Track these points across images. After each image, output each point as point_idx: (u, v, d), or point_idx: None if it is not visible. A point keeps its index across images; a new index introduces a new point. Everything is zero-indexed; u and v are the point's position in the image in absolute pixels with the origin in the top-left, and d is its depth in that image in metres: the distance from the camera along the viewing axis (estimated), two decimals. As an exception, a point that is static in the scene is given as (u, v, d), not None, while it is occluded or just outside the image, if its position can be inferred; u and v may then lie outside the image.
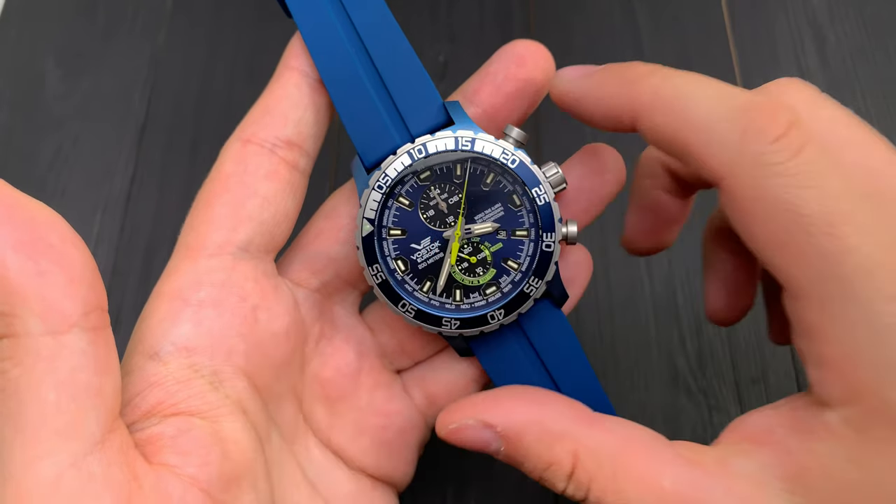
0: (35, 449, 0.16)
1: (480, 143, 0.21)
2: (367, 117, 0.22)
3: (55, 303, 0.16)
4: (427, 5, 0.41)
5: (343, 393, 0.23)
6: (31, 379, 0.16)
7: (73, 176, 0.38)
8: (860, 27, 0.40)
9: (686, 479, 0.19)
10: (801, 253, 0.17)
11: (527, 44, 0.22)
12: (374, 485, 0.24)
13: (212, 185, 0.22)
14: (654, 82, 0.19)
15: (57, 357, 0.16)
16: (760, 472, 0.18)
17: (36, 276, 0.16)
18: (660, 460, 0.19)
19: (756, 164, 0.17)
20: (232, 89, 0.40)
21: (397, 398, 0.24)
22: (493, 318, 0.22)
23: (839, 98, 0.38)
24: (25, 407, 0.16)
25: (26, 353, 0.16)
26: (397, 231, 0.22)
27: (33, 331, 0.16)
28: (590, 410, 0.21)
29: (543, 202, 0.21)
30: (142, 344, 0.20)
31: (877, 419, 0.17)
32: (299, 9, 0.22)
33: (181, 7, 0.42)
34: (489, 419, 0.20)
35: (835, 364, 0.18)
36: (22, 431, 0.16)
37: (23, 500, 0.16)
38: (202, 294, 0.20)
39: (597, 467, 0.19)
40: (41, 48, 0.41)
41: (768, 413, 0.19)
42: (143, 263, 0.36)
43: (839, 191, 0.17)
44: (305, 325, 0.23)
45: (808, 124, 0.18)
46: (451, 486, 0.30)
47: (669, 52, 0.40)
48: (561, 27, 0.41)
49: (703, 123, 0.18)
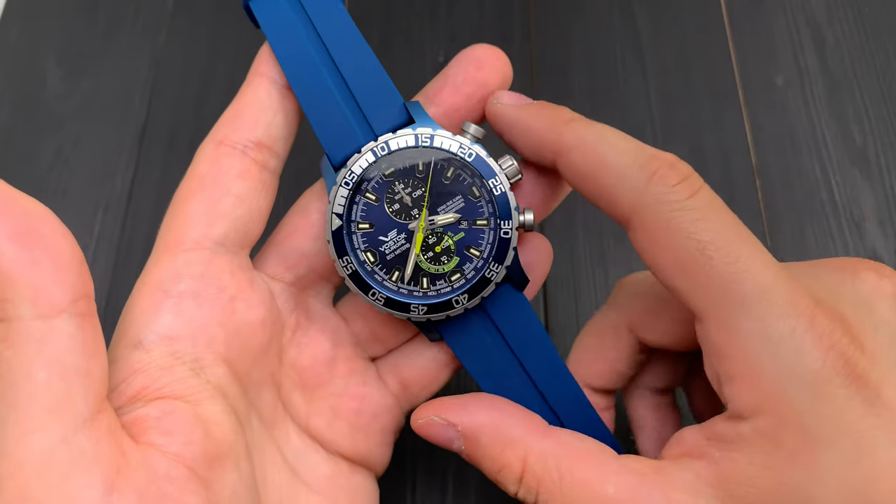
0: (27, 424, 0.17)
1: (439, 139, 0.23)
2: (333, 119, 0.23)
3: (46, 289, 0.17)
4: (427, 5, 0.41)
5: (319, 380, 0.25)
6: (22, 360, 0.17)
7: (73, 176, 0.38)
8: (859, 27, 0.40)
9: (628, 486, 0.21)
10: (703, 275, 0.20)
11: (485, 48, 0.24)
12: (351, 468, 0.25)
13: (188, 185, 0.23)
14: (579, 127, 0.22)
15: (47, 340, 0.17)
16: (695, 480, 0.20)
17: (29, 264, 0.17)
18: (605, 469, 0.21)
19: (660, 201, 0.20)
20: (232, 89, 0.40)
21: (371, 384, 0.25)
22: (458, 303, 0.23)
23: (838, 98, 0.38)
24: (17, 385, 0.17)
25: (18, 335, 0.17)
26: (365, 225, 0.23)
27: (25, 315, 0.17)
28: (545, 423, 0.23)
29: (500, 192, 0.23)
30: (126, 334, 0.21)
31: (785, 427, 0.19)
32: (266, 19, 0.23)
33: (182, 7, 0.42)
34: (452, 419, 0.23)
35: (742, 378, 0.19)
36: (14, 408, 0.17)
37: (16, 473, 0.17)
38: (182, 286, 0.22)
39: (544, 473, 0.21)
40: (42, 48, 0.41)
41: (696, 430, 0.21)
42: (144, 263, 0.36)
43: (733, 223, 0.20)
44: (282, 315, 0.24)
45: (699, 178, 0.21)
46: (452, 474, 0.31)
47: (669, 52, 0.40)
48: (560, 28, 0.41)
49: (617, 168, 0.21)
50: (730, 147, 0.37)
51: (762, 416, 0.19)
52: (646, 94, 0.39)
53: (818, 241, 0.35)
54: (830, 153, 0.37)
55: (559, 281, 0.34)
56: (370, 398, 0.25)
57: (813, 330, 0.19)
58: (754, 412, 0.19)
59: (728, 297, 0.19)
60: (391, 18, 0.41)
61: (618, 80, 0.39)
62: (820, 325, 0.19)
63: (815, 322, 0.19)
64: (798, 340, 0.19)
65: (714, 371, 0.21)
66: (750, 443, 0.19)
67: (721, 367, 0.20)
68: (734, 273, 0.19)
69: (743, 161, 0.37)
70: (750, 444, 0.19)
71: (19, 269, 0.17)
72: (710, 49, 0.40)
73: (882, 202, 0.36)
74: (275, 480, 0.23)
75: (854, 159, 0.37)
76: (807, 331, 0.19)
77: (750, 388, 0.19)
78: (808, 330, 0.19)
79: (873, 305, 0.20)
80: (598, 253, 0.35)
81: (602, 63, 0.40)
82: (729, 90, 0.39)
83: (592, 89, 0.39)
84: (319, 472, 0.24)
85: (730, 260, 0.19)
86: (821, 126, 0.38)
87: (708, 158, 0.37)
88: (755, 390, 0.19)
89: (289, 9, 0.23)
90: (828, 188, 0.36)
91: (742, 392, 0.20)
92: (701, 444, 0.21)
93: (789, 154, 0.37)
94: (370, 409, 0.25)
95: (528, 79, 0.39)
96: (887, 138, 0.37)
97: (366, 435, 0.25)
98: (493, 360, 0.24)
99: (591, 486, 0.21)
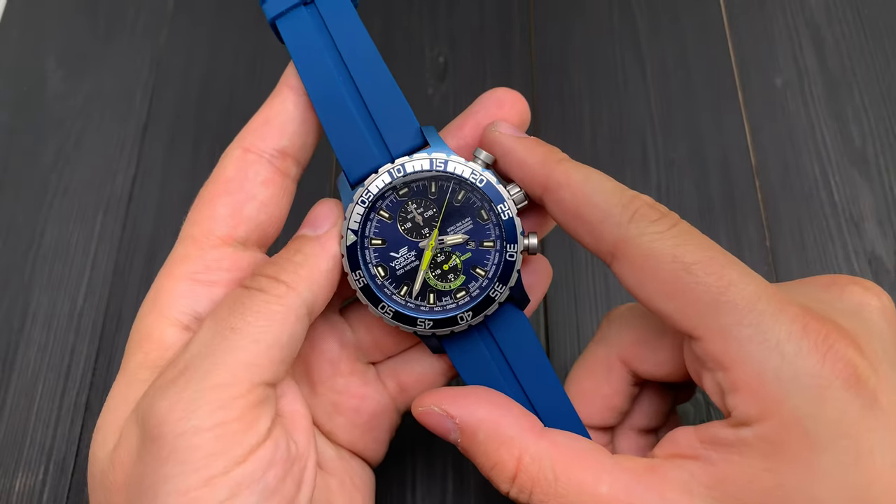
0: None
1: (452, 164, 0.24)
2: (352, 139, 0.24)
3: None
4: (427, 7, 0.42)
5: (323, 376, 0.26)
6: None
7: (74, 176, 0.38)
8: (858, 27, 0.40)
9: (622, 485, 0.21)
10: (691, 293, 0.21)
11: (506, 90, 0.26)
12: (351, 455, 0.27)
13: (214, 187, 0.24)
14: (568, 168, 0.23)
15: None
16: (689, 480, 0.21)
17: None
18: (599, 469, 0.22)
19: (643, 233, 0.22)
20: (233, 89, 0.40)
21: (371, 385, 0.27)
22: (463, 320, 0.24)
23: (838, 99, 0.38)
24: None
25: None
26: (378, 241, 0.24)
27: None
28: (541, 424, 0.23)
29: (507, 217, 0.24)
30: (163, 315, 0.23)
31: (787, 431, 0.19)
32: (292, 38, 0.24)
33: (182, 7, 0.43)
34: (451, 410, 0.23)
35: (746, 386, 0.20)
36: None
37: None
38: (213, 277, 0.24)
39: (540, 474, 0.22)
40: (42, 49, 0.42)
41: (691, 432, 0.22)
42: (145, 263, 0.36)
43: (712, 246, 0.21)
44: None
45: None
46: (451, 472, 0.31)
47: (668, 52, 0.40)
48: (560, 28, 0.41)
49: (601, 206, 0.22)
50: (729, 147, 0.37)
51: (767, 422, 0.20)
52: (645, 94, 0.39)
53: (817, 240, 0.35)
54: (829, 153, 0.37)
55: (559, 284, 0.35)
56: (369, 398, 0.26)
57: (807, 335, 0.20)
58: (759, 418, 0.20)
59: (719, 308, 0.20)
60: (391, 18, 0.41)
61: (617, 81, 0.39)
62: (814, 329, 0.20)
63: (808, 327, 0.20)
64: (795, 344, 0.19)
65: (715, 384, 0.21)
66: (752, 447, 0.20)
67: (723, 379, 0.21)
68: (721, 286, 0.20)
69: (742, 161, 0.37)
70: (751, 448, 0.20)
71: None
72: (710, 49, 0.40)
73: (881, 202, 0.36)
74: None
75: (853, 159, 0.37)
76: (802, 336, 0.20)
77: (754, 395, 0.20)
78: (803, 335, 0.20)
79: (863, 316, 0.21)
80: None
81: (602, 63, 0.40)
82: (728, 91, 0.39)
83: (592, 89, 0.39)
84: (328, 455, 0.26)
85: (715, 275, 0.20)
86: (820, 126, 0.38)
87: (707, 159, 0.37)
88: (759, 397, 0.20)
89: (314, 29, 0.24)
90: (827, 188, 0.36)
91: (746, 400, 0.20)
92: (695, 445, 0.21)
93: (788, 154, 0.37)
94: (369, 409, 0.26)
95: (528, 79, 0.40)
96: (886, 139, 0.37)
97: (363, 432, 0.26)
98: (491, 375, 0.25)
99: (585, 486, 0.21)
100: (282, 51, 0.43)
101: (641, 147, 0.37)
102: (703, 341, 0.21)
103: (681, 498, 0.21)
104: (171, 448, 0.19)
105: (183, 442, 0.19)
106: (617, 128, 0.38)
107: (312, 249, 0.23)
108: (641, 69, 0.39)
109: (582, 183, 0.23)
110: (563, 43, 0.40)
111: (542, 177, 0.23)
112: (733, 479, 0.20)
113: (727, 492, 0.20)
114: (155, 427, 0.20)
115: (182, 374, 0.20)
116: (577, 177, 0.23)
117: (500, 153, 0.25)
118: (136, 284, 0.35)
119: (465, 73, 0.40)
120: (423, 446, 0.31)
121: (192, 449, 0.19)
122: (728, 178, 0.36)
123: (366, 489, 0.26)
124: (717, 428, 0.21)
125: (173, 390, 0.20)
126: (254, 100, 0.41)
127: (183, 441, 0.19)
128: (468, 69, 0.40)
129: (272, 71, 0.40)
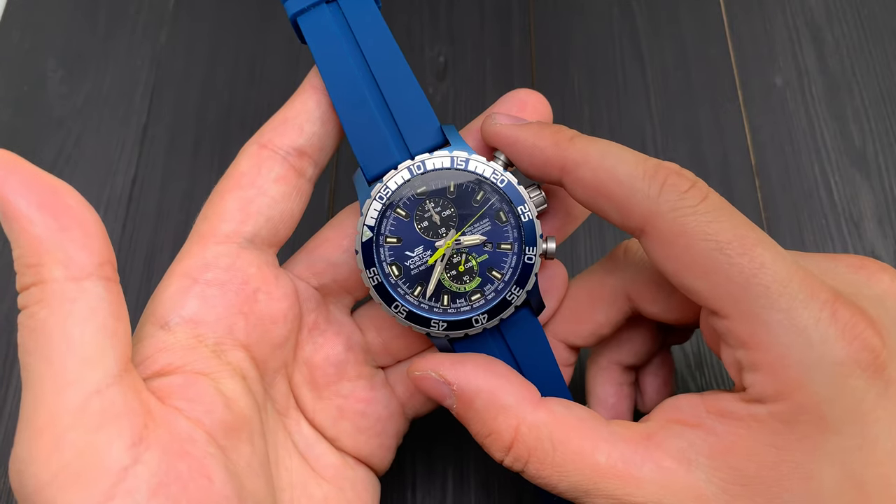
0: (63, 377, 0.18)
1: (473, 163, 0.24)
2: (371, 135, 0.24)
3: (75, 253, 0.19)
4: (427, 5, 0.42)
5: (328, 380, 0.26)
6: (57, 317, 0.19)
7: (74, 176, 0.38)
8: (858, 27, 0.40)
9: (619, 455, 0.21)
10: (722, 273, 0.20)
11: (529, 91, 0.25)
12: (356, 462, 0.26)
13: (226, 182, 0.24)
14: (583, 143, 0.22)
15: (78, 300, 0.19)
16: (689, 449, 0.21)
17: (58, 231, 0.19)
18: (596, 437, 0.22)
19: (673, 208, 0.21)
20: (234, 89, 0.40)
21: (378, 389, 0.26)
22: (478, 322, 0.24)
23: (837, 98, 0.38)
24: (53, 342, 0.19)
25: (52, 296, 0.19)
26: (393, 239, 0.24)
27: (57, 277, 0.19)
28: (538, 393, 0.23)
29: (527, 219, 0.24)
30: (153, 315, 0.23)
31: (803, 413, 0.20)
32: (313, 35, 0.24)
33: (183, 7, 0.43)
34: (449, 377, 0.23)
35: (768, 367, 0.20)
36: (50, 364, 0.19)
37: (52, 423, 0.18)
38: (209, 275, 0.23)
39: (537, 443, 0.22)
40: (43, 49, 0.42)
41: (696, 401, 0.22)
42: (145, 263, 0.36)
43: (745, 223, 0.21)
44: (302, 312, 0.25)
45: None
46: (452, 474, 0.31)
47: (668, 52, 0.40)
48: (560, 28, 0.41)
49: (626, 180, 0.21)
50: (729, 147, 0.37)
51: (783, 402, 0.20)
52: (645, 94, 0.39)
53: (817, 240, 0.35)
54: (829, 153, 0.37)
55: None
56: (376, 402, 0.26)
57: (836, 321, 0.20)
58: (776, 398, 0.20)
59: (750, 291, 0.20)
60: (391, 18, 0.41)
61: (617, 80, 0.39)
62: (843, 316, 0.20)
63: (837, 314, 0.20)
64: (822, 331, 0.20)
65: (735, 359, 0.21)
66: (763, 423, 0.20)
67: (744, 356, 0.21)
68: (753, 268, 0.20)
69: (742, 161, 0.37)
70: (762, 425, 0.20)
71: (50, 235, 0.19)
72: (710, 49, 0.40)
73: (881, 202, 0.36)
74: (286, 464, 0.24)
75: (853, 159, 0.37)
76: (830, 322, 0.20)
77: (774, 376, 0.20)
78: (831, 321, 0.20)
79: (888, 304, 0.21)
80: (598, 244, 0.35)
81: (602, 63, 0.40)
82: (728, 90, 0.39)
83: (592, 89, 0.39)
84: (328, 462, 0.25)
85: (748, 256, 0.20)
86: (820, 126, 0.38)
87: (707, 158, 0.37)
88: (779, 379, 0.20)
89: (335, 26, 0.24)
90: (827, 188, 0.36)
91: (765, 380, 0.20)
92: (700, 414, 0.21)
93: (788, 154, 0.37)
94: (375, 413, 0.26)
95: (528, 78, 0.40)
96: (886, 138, 0.37)
97: (368, 437, 0.26)
98: None
99: (583, 456, 0.21)
100: (282, 51, 0.43)
101: (641, 147, 0.37)
102: (729, 320, 0.21)
103: (678, 466, 0.21)
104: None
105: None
106: (617, 127, 0.38)
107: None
108: (641, 69, 0.39)
109: (601, 158, 0.22)
110: (563, 42, 0.40)
111: (558, 158, 0.22)
112: (736, 451, 0.20)
113: (727, 462, 0.20)
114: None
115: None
116: (594, 152, 0.22)
117: (505, 145, 0.24)
118: (136, 284, 0.35)
119: (465, 72, 0.40)
120: (424, 446, 0.31)
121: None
122: (728, 178, 0.36)
123: (368, 497, 0.26)
124: (728, 400, 0.21)
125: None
126: (254, 100, 0.41)
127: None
128: (468, 68, 0.40)
129: (272, 71, 0.40)
